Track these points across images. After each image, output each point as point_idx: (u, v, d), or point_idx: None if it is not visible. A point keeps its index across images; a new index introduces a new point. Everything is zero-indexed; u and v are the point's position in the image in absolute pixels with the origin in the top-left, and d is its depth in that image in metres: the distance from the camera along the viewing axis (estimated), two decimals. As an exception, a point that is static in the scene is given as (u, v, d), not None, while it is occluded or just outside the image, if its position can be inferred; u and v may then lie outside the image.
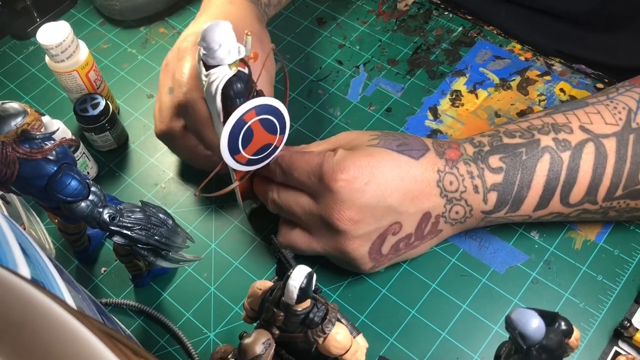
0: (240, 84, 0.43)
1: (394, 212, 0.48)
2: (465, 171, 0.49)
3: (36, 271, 0.29)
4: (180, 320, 0.54)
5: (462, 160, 0.49)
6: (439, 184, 0.49)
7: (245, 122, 0.45)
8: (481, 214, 0.50)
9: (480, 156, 0.49)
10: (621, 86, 0.53)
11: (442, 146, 0.50)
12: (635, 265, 0.53)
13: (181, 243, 0.48)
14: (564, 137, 0.49)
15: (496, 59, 0.68)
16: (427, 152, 0.49)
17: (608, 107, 0.50)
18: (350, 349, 0.39)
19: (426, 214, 0.49)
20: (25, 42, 0.76)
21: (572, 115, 0.50)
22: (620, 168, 0.48)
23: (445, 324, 0.52)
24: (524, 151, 0.49)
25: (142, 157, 0.65)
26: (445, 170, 0.49)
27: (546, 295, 0.52)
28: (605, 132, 0.49)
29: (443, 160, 0.49)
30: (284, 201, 0.50)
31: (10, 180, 0.40)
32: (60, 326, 0.19)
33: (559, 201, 0.50)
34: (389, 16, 0.74)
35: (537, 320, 0.34)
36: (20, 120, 0.39)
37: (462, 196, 0.49)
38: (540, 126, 0.50)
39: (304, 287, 0.36)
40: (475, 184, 0.49)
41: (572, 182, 0.49)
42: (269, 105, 0.46)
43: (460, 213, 0.50)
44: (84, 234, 0.55)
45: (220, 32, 0.41)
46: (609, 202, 0.50)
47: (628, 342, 0.49)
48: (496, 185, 0.49)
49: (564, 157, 0.49)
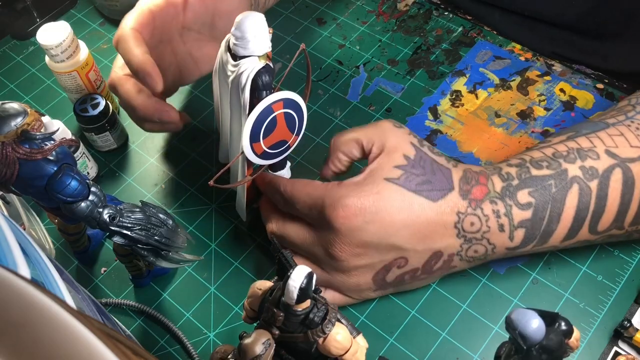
0: (268, 76, 0.44)
1: (399, 250, 0.47)
2: (491, 211, 0.47)
3: (36, 271, 0.29)
4: (180, 320, 0.54)
5: (488, 199, 0.47)
6: (457, 225, 0.47)
7: (272, 111, 0.46)
8: (505, 250, 0.49)
9: (508, 192, 0.47)
10: (636, 103, 0.51)
11: (469, 183, 0.48)
12: (635, 265, 0.53)
13: (181, 243, 0.48)
14: (590, 165, 0.47)
15: (496, 59, 0.68)
16: (450, 192, 0.47)
17: (630, 128, 0.49)
18: (350, 349, 0.39)
19: (437, 252, 0.48)
20: (25, 42, 0.76)
21: (596, 139, 0.49)
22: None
23: (445, 324, 0.52)
24: (552, 183, 0.47)
25: (142, 158, 0.65)
26: (466, 212, 0.47)
27: (546, 296, 0.52)
28: (631, 155, 0.47)
29: (466, 201, 0.47)
30: (284, 233, 0.50)
31: (10, 180, 0.40)
32: (60, 326, 0.19)
33: (587, 231, 0.48)
34: (389, 16, 0.74)
35: (538, 321, 0.34)
36: (20, 120, 0.39)
37: (484, 236, 0.47)
38: (565, 153, 0.48)
39: (304, 287, 0.36)
40: (501, 222, 0.47)
41: (600, 211, 0.47)
42: (295, 102, 0.47)
43: (480, 252, 0.48)
44: (84, 234, 0.55)
45: (256, 23, 0.42)
46: (636, 226, 0.49)
47: (628, 343, 0.49)
48: (524, 221, 0.47)
49: (592, 186, 0.47)
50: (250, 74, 0.44)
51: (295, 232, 0.49)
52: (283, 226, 0.51)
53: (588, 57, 0.66)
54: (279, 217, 0.51)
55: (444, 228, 0.47)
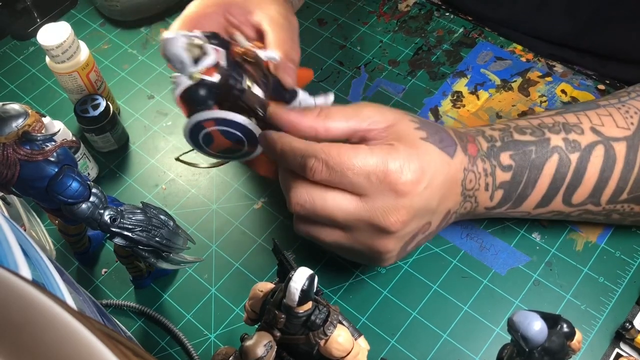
0: (198, 93, 0.43)
1: (431, 213, 0.46)
2: (482, 169, 0.48)
3: (37, 272, 0.29)
4: (181, 321, 0.54)
5: (479, 157, 0.48)
6: (462, 182, 0.47)
7: (203, 127, 0.45)
8: (484, 209, 0.50)
9: (492, 152, 0.48)
10: (632, 90, 0.52)
11: (462, 139, 0.48)
12: (637, 267, 0.53)
13: (182, 244, 0.48)
14: (574, 138, 0.48)
15: (497, 60, 0.68)
16: (457, 147, 0.47)
17: (620, 111, 0.50)
18: (352, 351, 0.39)
19: (448, 211, 0.48)
20: (25, 42, 0.76)
21: (583, 116, 0.50)
22: (627, 173, 0.48)
23: (446, 325, 0.51)
24: (533, 150, 0.48)
25: (143, 158, 0.65)
26: (469, 169, 0.47)
27: (547, 297, 0.52)
28: (616, 135, 0.48)
29: (467, 157, 0.47)
30: (321, 205, 0.44)
31: (11, 181, 0.40)
32: (61, 327, 0.19)
33: (561, 201, 0.50)
34: (390, 17, 0.74)
35: (540, 323, 0.34)
36: (21, 121, 0.39)
37: (474, 193, 0.48)
38: (551, 124, 0.50)
39: (306, 289, 0.36)
40: (487, 181, 0.48)
41: (577, 184, 0.49)
42: (231, 120, 0.44)
43: (467, 208, 0.49)
44: (84, 235, 0.54)
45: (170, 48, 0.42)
46: (613, 204, 0.50)
47: (630, 344, 0.49)
48: (504, 183, 0.48)
49: (572, 159, 0.48)
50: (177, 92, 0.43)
51: (338, 202, 0.44)
52: (321, 196, 0.44)
53: (586, 64, 0.66)
54: (310, 186, 0.44)
55: (456, 186, 0.47)
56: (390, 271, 0.54)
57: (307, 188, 0.44)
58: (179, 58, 0.42)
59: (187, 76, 0.43)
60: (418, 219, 0.45)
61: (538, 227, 0.56)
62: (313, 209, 0.44)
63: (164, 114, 0.68)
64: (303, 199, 0.44)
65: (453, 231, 0.56)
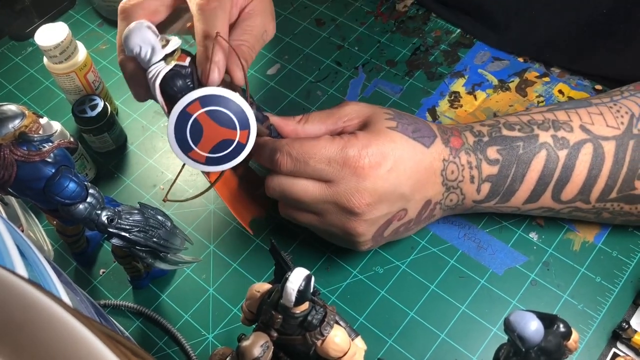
0: (178, 79, 0.42)
1: (404, 200, 0.48)
2: (466, 161, 0.49)
3: (34, 273, 0.29)
4: (179, 322, 0.54)
5: (463, 150, 0.50)
6: (442, 172, 0.49)
7: (189, 114, 0.43)
8: (472, 202, 0.51)
9: (479, 146, 0.50)
10: (626, 89, 0.53)
11: (446, 133, 0.50)
12: (633, 266, 0.53)
13: (180, 245, 0.48)
14: (562, 135, 0.49)
15: (495, 60, 0.68)
16: (436, 139, 0.49)
17: (611, 110, 0.50)
18: (349, 351, 0.39)
19: (428, 201, 0.50)
20: (23, 43, 0.76)
21: (574, 114, 0.50)
22: (616, 172, 0.49)
23: (443, 325, 0.52)
24: (521, 145, 0.49)
25: (141, 159, 0.65)
26: (449, 160, 0.49)
27: (545, 297, 0.52)
28: (605, 134, 0.49)
29: (448, 148, 0.49)
30: (289, 191, 0.48)
31: (8, 182, 0.40)
32: (60, 326, 0.19)
33: (550, 197, 0.50)
34: (388, 17, 0.74)
35: (536, 323, 0.34)
36: (18, 122, 0.39)
37: (459, 185, 0.50)
38: (540, 121, 0.50)
39: (302, 289, 0.36)
40: (472, 174, 0.49)
41: (565, 180, 0.49)
42: (219, 96, 0.43)
43: (454, 200, 0.51)
44: (82, 236, 0.54)
45: (136, 36, 0.41)
46: (603, 203, 0.50)
47: (626, 344, 0.49)
48: (491, 176, 0.50)
49: (560, 155, 0.49)
50: (156, 82, 0.42)
51: (303, 188, 0.47)
52: (288, 183, 0.48)
53: (584, 67, 0.66)
54: (280, 177, 0.49)
55: (434, 175, 0.49)
56: (388, 271, 0.55)
57: (279, 177, 0.49)
58: (150, 43, 0.41)
59: (162, 61, 0.42)
60: (387, 203, 0.47)
61: (535, 227, 0.56)
62: (283, 194, 0.49)
63: (162, 114, 0.68)
64: (273, 186, 0.49)
65: (450, 231, 0.56)
